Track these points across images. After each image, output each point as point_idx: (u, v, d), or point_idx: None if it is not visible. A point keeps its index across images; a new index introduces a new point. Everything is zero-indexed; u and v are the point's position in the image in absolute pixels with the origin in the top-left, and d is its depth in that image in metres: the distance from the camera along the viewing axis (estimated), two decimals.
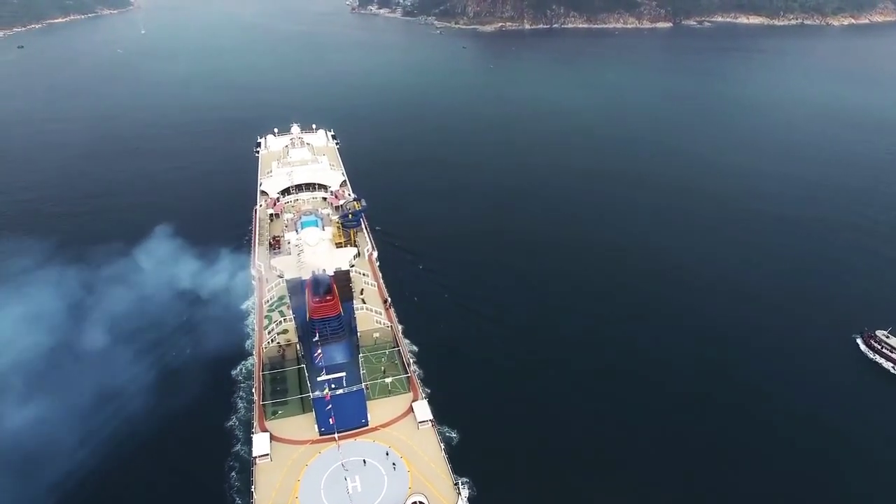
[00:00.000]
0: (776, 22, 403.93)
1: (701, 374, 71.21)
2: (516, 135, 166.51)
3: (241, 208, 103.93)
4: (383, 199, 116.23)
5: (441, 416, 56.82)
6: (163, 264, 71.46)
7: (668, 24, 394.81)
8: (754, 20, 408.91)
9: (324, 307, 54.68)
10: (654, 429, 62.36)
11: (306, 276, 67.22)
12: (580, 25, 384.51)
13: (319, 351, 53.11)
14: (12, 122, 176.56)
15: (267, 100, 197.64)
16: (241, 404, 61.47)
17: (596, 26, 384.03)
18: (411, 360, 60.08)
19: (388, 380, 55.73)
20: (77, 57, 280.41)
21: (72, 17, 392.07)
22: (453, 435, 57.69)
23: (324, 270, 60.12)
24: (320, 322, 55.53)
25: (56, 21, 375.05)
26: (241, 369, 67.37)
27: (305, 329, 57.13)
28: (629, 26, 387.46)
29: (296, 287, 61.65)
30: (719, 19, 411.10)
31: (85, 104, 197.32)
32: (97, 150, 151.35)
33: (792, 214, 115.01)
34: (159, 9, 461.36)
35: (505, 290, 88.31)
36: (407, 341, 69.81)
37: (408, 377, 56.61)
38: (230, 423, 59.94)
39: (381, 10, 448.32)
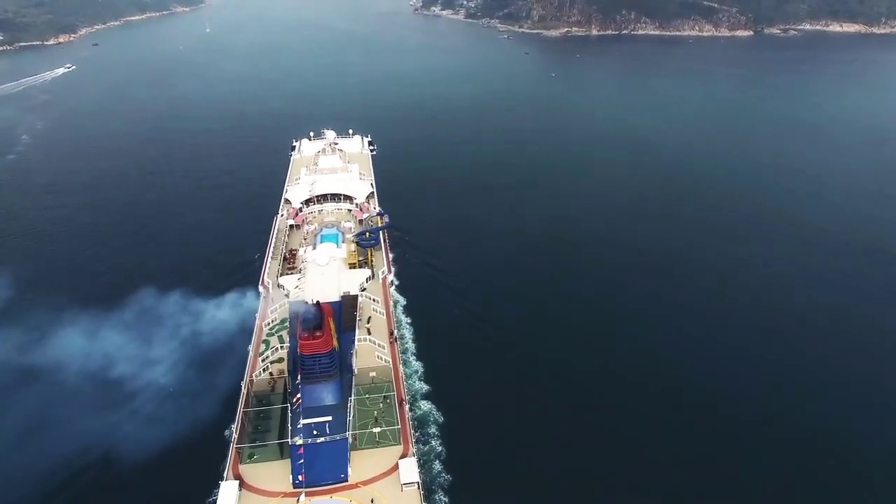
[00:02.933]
0: (875, 30, 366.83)
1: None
2: (573, 154, 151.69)
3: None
4: (414, 212, 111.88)
5: (434, 475, 50.60)
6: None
7: (748, 33, 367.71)
8: (849, 28, 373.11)
9: (312, 343, 49.76)
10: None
11: (311, 299, 63.10)
12: (651, 32, 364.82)
13: (298, 396, 48.08)
14: (63, 124, 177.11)
15: (315, 101, 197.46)
16: (218, 443, 54.95)
17: (668, 34, 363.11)
18: (408, 408, 53.75)
19: (377, 429, 49.85)
20: (141, 54, 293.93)
21: (148, 15, 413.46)
22: (445, 501, 50.86)
23: (316, 302, 55.20)
24: (309, 358, 50.67)
25: (133, 19, 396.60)
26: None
27: (296, 363, 52.50)
28: (705, 34, 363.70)
29: (297, 312, 57.28)
30: (807, 27, 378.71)
31: (138, 101, 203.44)
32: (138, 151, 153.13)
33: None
34: (228, 7, 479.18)
35: (554, 330, 79.60)
36: (424, 384, 64.47)
37: (400, 428, 50.50)
38: (202, 464, 52.27)
39: (444, 12, 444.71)
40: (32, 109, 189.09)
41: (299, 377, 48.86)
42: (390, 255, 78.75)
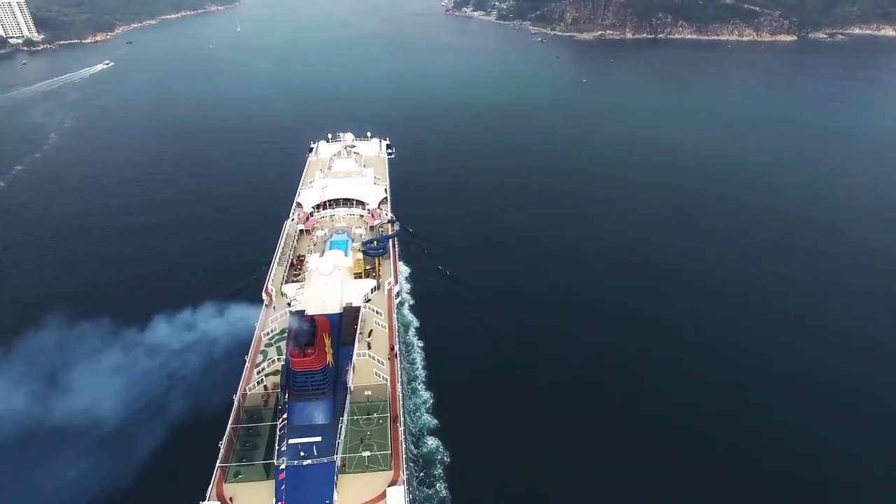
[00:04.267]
0: None
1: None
2: (602, 163, 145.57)
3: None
4: (432, 218, 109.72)
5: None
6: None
7: (792, 38, 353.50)
8: None
9: (302, 361, 47.63)
10: None
11: (311, 310, 61.19)
12: (688, 36, 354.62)
13: (284, 417, 46.00)
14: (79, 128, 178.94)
15: (338, 102, 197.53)
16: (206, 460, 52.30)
17: (706, 38, 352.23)
18: (402, 430, 51.10)
19: (367, 453, 47.33)
20: (171, 53, 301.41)
21: (183, 14, 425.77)
22: None
23: (310, 317, 52.95)
24: (301, 375, 48.52)
25: (169, 17, 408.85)
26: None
27: (288, 378, 50.53)
28: (744, 39, 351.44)
29: (290, 327, 55.32)
30: (856, 31, 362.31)
31: (163, 101, 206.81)
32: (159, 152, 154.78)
33: None
34: (262, 6, 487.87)
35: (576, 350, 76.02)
36: (431, 417, 61.25)
37: (391, 452, 47.89)
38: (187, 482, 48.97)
39: (476, 13, 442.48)
40: (63, 108, 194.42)
41: (287, 395, 46.83)
42: (399, 265, 76.25)
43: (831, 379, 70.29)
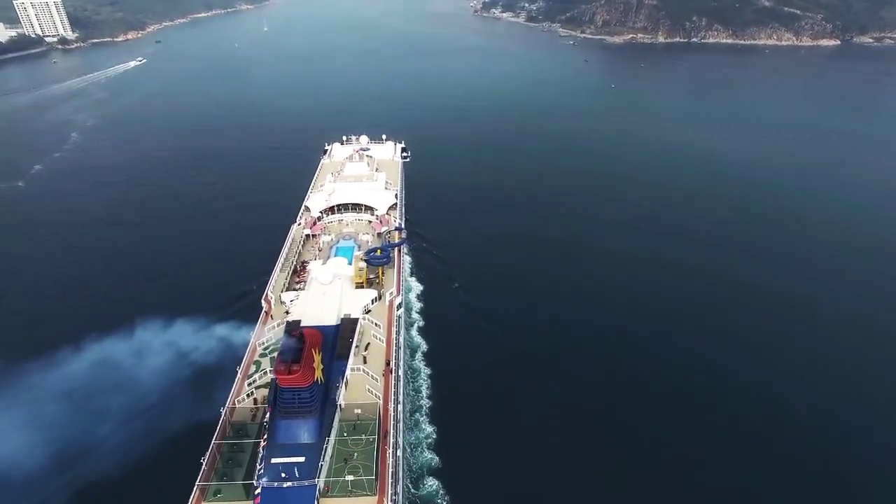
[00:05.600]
0: None
1: None
2: (628, 173, 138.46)
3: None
4: (446, 225, 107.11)
5: None
6: None
7: (834, 42, 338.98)
8: None
9: (287, 379, 45.46)
10: None
11: (307, 320, 59.12)
12: (723, 41, 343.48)
13: (265, 436, 43.90)
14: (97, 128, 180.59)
15: (358, 103, 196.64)
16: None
17: (742, 42, 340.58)
18: (391, 452, 48.45)
19: (350, 477, 44.83)
20: (198, 52, 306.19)
21: (214, 13, 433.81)
22: None
23: (299, 332, 50.68)
24: (287, 391, 46.40)
25: (199, 16, 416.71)
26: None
27: (275, 393, 48.52)
28: (783, 43, 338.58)
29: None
30: None
31: (184, 102, 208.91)
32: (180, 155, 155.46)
33: None
34: (291, 5, 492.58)
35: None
36: (433, 455, 57.66)
37: (377, 478, 45.31)
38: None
39: (505, 14, 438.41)
40: (88, 107, 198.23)
41: (268, 414, 44.81)
42: (405, 277, 73.89)
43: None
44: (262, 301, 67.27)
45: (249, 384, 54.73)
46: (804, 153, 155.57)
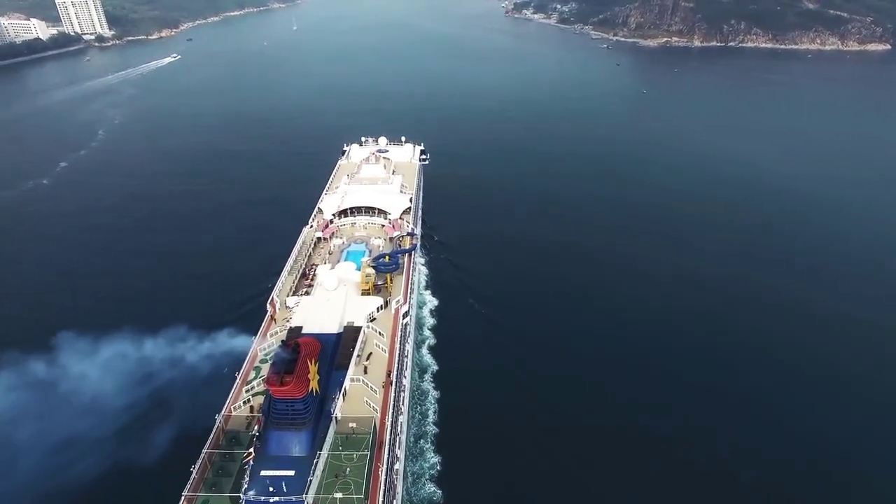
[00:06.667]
0: None
1: None
2: (657, 186, 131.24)
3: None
4: (464, 230, 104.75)
5: None
6: None
7: (884, 47, 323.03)
8: None
9: (280, 390, 44.01)
10: None
11: (308, 327, 57.71)
12: (762, 45, 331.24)
13: (251, 451, 42.50)
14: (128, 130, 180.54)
15: (381, 104, 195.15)
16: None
17: (783, 47, 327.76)
18: (384, 470, 46.48)
19: (339, 495, 43.05)
20: (227, 50, 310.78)
21: (246, 11, 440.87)
22: None
23: (295, 342, 49.00)
24: (281, 402, 45.03)
25: (232, 14, 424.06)
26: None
27: (269, 403, 47.19)
28: (827, 48, 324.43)
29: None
30: None
31: (210, 100, 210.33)
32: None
33: None
34: (322, 5, 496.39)
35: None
36: (435, 488, 54.90)
37: (368, 498, 43.42)
38: None
39: (536, 16, 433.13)
40: (117, 104, 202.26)
41: (257, 427, 43.47)
42: (416, 286, 71.92)
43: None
44: (268, 305, 66.26)
45: (247, 391, 53.63)
46: (850, 165, 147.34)
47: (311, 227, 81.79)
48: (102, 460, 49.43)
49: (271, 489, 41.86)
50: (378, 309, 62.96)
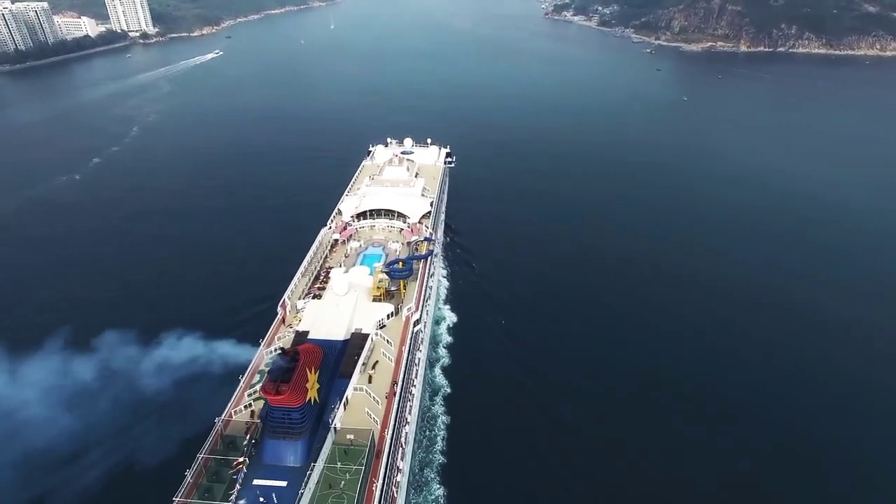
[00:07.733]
0: None
1: None
2: (695, 201, 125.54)
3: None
4: (492, 239, 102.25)
5: None
6: None
7: None
8: None
9: (275, 399, 42.73)
10: None
11: (314, 333, 56.50)
12: (814, 51, 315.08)
13: (242, 459, 41.32)
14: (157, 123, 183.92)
15: (414, 104, 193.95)
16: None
17: (837, 52, 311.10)
18: (379, 486, 44.61)
19: None
20: (264, 47, 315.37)
21: (286, 9, 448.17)
22: None
23: (294, 350, 47.45)
24: (279, 410, 43.85)
25: (272, 12, 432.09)
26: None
27: (266, 410, 46.07)
28: (887, 54, 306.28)
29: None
30: None
31: (243, 97, 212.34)
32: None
33: None
34: (360, 5, 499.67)
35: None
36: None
37: None
38: None
39: (576, 18, 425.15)
40: (154, 101, 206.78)
41: (249, 436, 42.34)
42: (435, 303, 69.91)
43: None
44: (279, 307, 65.42)
45: (249, 395, 52.64)
46: None
47: (329, 228, 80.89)
48: (99, 462, 49.38)
49: (262, 499, 40.69)
50: (388, 316, 61.20)
